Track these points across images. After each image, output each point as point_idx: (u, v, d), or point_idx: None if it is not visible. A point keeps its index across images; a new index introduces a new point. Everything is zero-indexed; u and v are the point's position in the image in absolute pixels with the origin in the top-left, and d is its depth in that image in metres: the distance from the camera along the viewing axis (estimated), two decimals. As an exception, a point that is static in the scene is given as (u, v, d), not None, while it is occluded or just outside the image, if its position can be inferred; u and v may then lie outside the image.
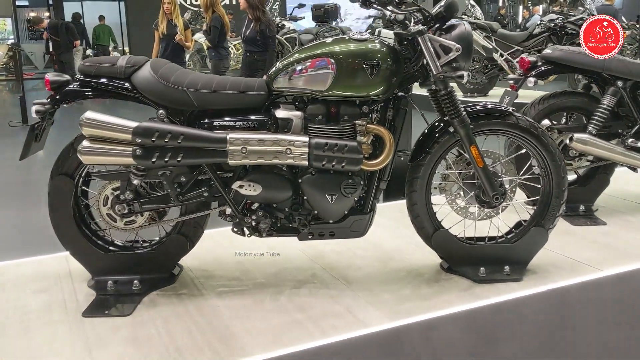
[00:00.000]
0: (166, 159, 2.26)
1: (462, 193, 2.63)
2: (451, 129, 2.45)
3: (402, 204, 2.62)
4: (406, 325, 2.13)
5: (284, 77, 2.34)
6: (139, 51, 15.64)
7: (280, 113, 2.37)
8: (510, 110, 2.50)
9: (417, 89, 2.49)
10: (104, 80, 2.35)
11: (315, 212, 2.41)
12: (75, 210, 2.50)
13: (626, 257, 2.72)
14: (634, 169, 3.53)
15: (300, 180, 2.37)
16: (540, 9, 17.29)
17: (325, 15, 12.12)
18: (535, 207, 2.65)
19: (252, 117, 2.37)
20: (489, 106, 2.52)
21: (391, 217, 3.27)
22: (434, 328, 2.15)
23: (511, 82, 3.44)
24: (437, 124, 2.53)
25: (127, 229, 2.50)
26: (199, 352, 2.01)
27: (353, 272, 2.64)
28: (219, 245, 2.94)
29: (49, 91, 2.38)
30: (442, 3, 2.35)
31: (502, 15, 19.25)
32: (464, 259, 2.57)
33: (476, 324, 2.22)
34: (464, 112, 2.41)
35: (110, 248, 2.56)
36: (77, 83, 2.38)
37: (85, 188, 2.55)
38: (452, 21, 2.41)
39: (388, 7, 2.30)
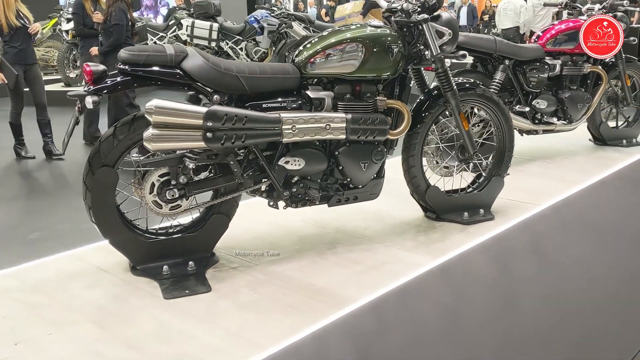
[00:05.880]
0: (233, 141, 2.41)
1: (440, 155, 3.18)
2: (441, 101, 2.97)
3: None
4: (448, 260, 2.62)
5: (317, 62, 2.63)
6: None
7: (313, 94, 2.65)
8: (478, 83, 3.11)
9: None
10: (155, 68, 2.39)
11: (348, 179, 2.75)
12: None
13: (545, 194, 3.53)
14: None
15: (337, 152, 2.69)
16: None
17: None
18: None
19: (292, 99, 2.62)
20: (464, 82, 3.09)
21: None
22: (467, 259, 2.68)
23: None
24: (424, 99, 3.03)
25: (171, 214, 2.56)
26: (310, 305, 2.25)
27: (364, 230, 3.03)
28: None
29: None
30: None
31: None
32: (449, 208, 3.13)
33: (491, 252, 2.80)
34: (455, 87, 2.95)
35: (147, 235, 2.60)
36: (122, 73, 2.38)
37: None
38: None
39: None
